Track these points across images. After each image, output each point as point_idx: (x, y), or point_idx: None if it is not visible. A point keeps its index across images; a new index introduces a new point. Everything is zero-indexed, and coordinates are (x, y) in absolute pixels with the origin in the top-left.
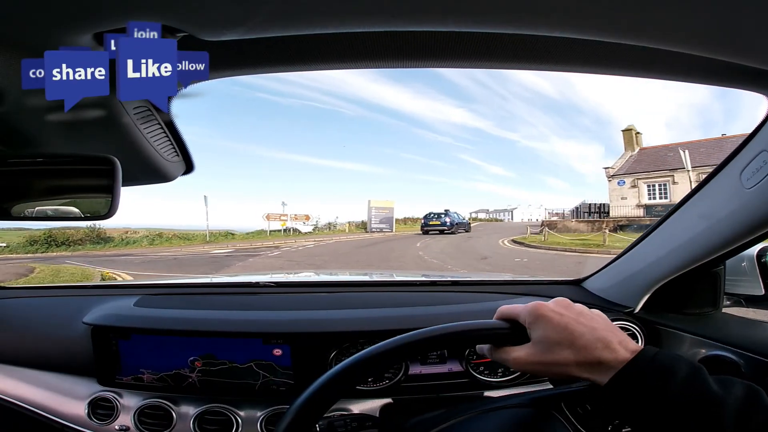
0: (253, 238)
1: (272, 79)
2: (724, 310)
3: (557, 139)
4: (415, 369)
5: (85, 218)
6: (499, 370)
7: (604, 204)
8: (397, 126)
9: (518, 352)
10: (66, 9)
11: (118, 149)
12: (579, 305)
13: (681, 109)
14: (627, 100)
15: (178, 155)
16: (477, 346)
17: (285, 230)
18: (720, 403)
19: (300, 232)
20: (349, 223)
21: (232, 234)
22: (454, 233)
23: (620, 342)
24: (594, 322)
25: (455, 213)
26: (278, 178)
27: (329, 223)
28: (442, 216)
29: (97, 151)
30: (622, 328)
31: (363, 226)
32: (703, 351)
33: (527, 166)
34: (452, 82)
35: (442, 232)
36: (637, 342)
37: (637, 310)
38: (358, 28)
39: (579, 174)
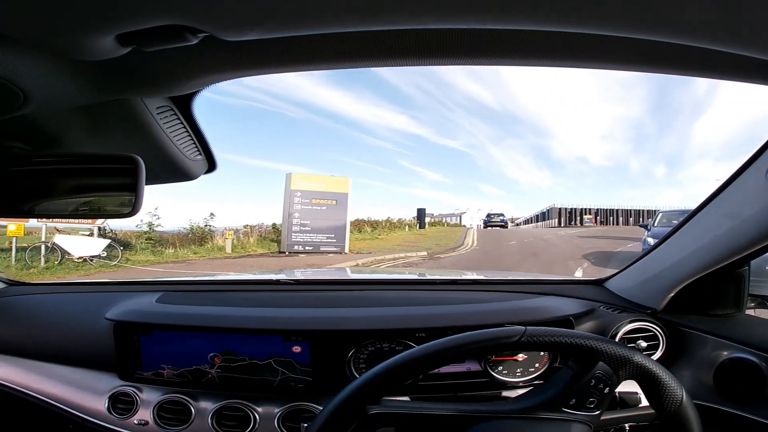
0: None
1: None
2: (747, 311)
3: (494, 148)
4: None
5: (109, 216)
6: (518, 370)
7: (575, 209)
8: (337, 129)
9: None
10: (89, 11)
11: (141, 148)
12: None
13: (616, 122)
14: (563, 112)
15: (200, 154)
16: None
17: (29, 251)
18: None
19: (72, 256)
20: (240, 230)
21: None
22: (507, 228)
23: None
24: None
25: (503, 214)
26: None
27: (192, 230)
28: (501, 216)
29: (120, 150)
30: (644, 329)
31: (274, 236)
32: (726, 353)
33: (465, 173)
34: (396, 87)
35: (501, 227)
36: (659, 344)
37: (659, 311)
38: (365, 27)
39: (513, 181)
